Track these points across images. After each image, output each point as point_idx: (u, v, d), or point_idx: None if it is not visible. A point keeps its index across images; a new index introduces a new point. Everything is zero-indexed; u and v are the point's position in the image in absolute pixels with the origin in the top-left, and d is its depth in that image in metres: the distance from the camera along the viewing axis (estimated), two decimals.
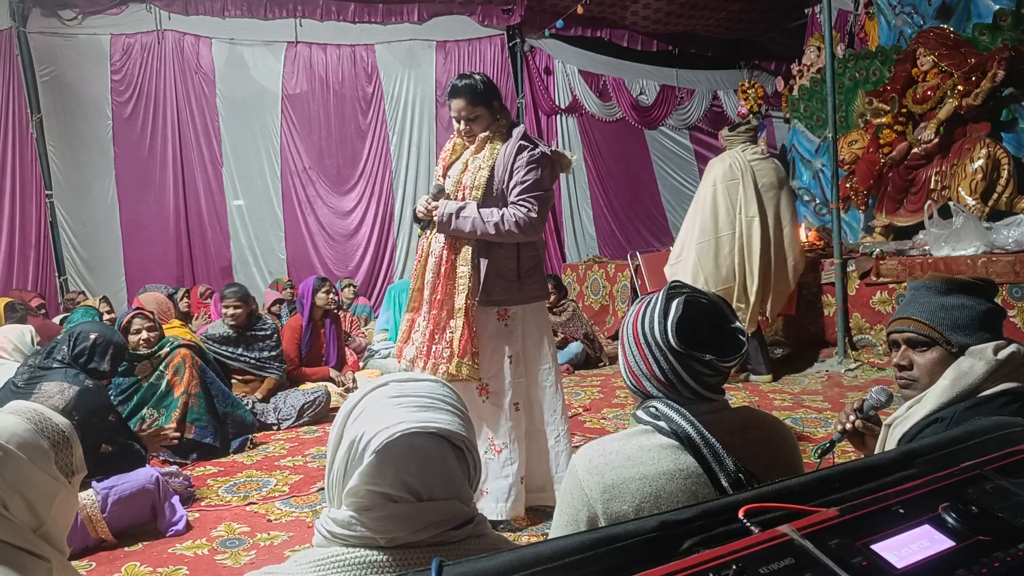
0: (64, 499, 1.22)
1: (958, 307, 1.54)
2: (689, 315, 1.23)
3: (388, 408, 0.97)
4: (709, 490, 1.15)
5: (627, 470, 1.17)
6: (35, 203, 7.02)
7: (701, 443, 1.16)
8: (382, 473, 0.94)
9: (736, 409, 1.32)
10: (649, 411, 1.25)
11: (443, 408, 1.00)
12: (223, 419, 3.96)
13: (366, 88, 8.27)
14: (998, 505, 0.75)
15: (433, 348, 2.67)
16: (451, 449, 0.99)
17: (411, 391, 1.00)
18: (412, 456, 0.95)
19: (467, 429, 1.01)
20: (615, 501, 1.16)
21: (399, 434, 0.93)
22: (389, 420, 0.95)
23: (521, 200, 2.60)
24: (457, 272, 2.65)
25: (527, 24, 8.65)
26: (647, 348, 1.26)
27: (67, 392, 2.74)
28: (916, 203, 5.63)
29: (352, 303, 7.13)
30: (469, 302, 2.61)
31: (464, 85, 2.63)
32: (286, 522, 2.89)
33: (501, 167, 2.63)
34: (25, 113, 6.95)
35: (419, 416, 0.96)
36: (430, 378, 1.05)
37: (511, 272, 2.67)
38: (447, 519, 0.98)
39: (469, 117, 2.64)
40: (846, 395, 4.38)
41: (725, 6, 8.77)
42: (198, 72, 7.67)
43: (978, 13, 5.63)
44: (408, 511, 0.95)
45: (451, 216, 2.59)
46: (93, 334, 3.00)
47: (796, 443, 1.38)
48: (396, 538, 0.95)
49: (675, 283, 1.31)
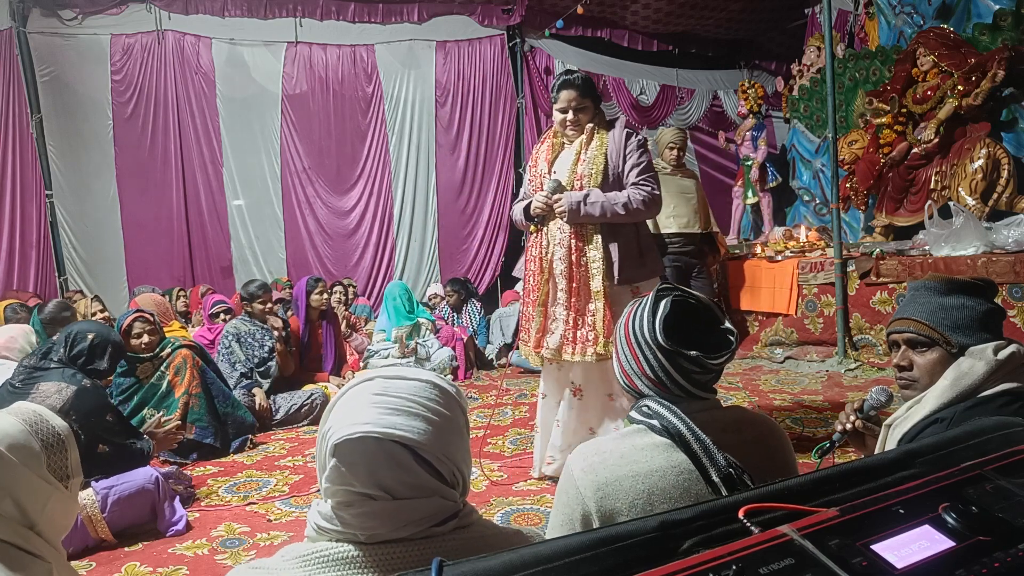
0: (58, 502, 1.21)
1: (958, 307, 1.54)
2: (677, 314, 1.26)
3: (362, 406, 0.95)
4: (701, 486, 1.17)
5: (620, 468, 1.19)
6: (35, 203, 7.01)
7: (692, 439, 1.19)
8: (351, 471, 0.93)
9: (728, 408, 1.35)
10: (642, 410, 1.28)
11: (416, 414, 0.95)
12: (223, 419, 3.96)
13: (366, 88, 8.26)
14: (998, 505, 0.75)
15: (578, 333, 2.84)
16: (413, 457, 0.94)
17: (393, 391, 0.97)
18: (367, 460, 0.92)
19: (438, 440, 0.95)
20: (609, 499, 1.18)
21: (345, 438, 0.92)
22: (355, 419, 0.94)
23: (641, 180, 2.79)
24: (588, 257, 2.81)
25: (527, 24, 8.64)
26: (637, 347, 1.29)
27: (64, 392, 2.74)
28: (916, 203, 5.63)
29: (353, 303, 7.13)
30: (605, 284, 2.78)
31: (574, 77, 2.86)
32: (286, 522, 2.89)
33: (615, 153, 2.83)
34: (25, 113, 6.94)
35: (386, 420, 0.93)
36: (422, 377, 1.01)
37: (635, 251, 2.85)
38: (428, 516, 0.96)
39: (578, 107, 2.83)
40: (846, 395, 4.38)
41: (725, 6, 8.77)
42: (198, 72, 7.67)
43: (978, 13, 5.63)
44: (386, 508, 0.93)
45: (579, 204, 2.75)
46: (90, 334, 3.00)
47: (789, 443, 1.39)
48: (377, 535, 0.94)
49: (665, 284, 1.34)
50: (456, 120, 8.58)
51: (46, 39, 7.08)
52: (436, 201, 8.61)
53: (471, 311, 6.81)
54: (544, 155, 3.00)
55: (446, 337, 5.96)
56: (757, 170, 7.50)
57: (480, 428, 4.23)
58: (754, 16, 9.13)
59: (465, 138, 8.61)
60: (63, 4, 7.07)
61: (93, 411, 2.81)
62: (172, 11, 7.49)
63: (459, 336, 6.01)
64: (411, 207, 8.52)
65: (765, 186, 7.58)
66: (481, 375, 5.94)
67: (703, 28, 9.45)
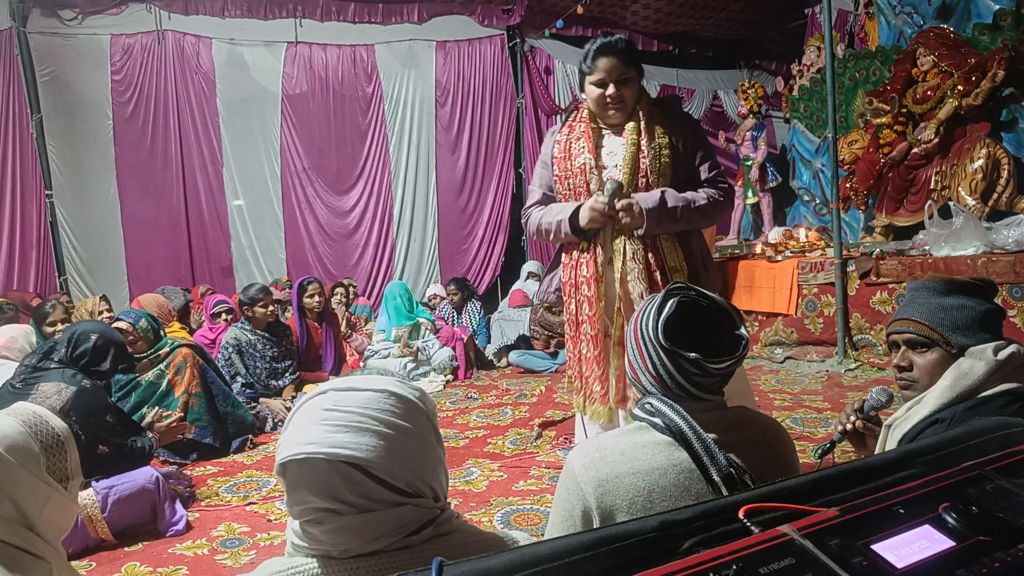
0: (57, 503, 1.21)
1: (958, 308, 1.54)
2: (683, 314, 1.25)
3: (310, 424, 0.92)
4: (702, 485, 1.17)
5: (621, 465, 1.20)
6: (35, 203, 7.01)
7: (693, 438, 1.19)
8: (306, 489, 0.91)
9: (731, 409, 1.34)
10: (645, 408, 1.29)
11: (366, 428, 0.91)
12: (223, 419, 3.96)
13: (366, 88, 8.26)
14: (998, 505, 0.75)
15: None
16: (364, 474, 0.90)
17: (344, 405, 0.93)
18: (319, 479, 0.90)
19: (390, 454, 0.91)
20: (609, 495, 1.19)
21: (290, 458, 0.90)
22: (301, 438, 0.91)
23: (715, 176, 2.30)
24: (668, 267, 2.25)
25: (527, 24, 8.64)
26: (643, 344, 1.30)
27: (64, 393, 2.73)
28: (916, 203, 5.63)
29: (353, 303, 7.13)
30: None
31: (616, 40, 2.22)
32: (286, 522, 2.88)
33: (681, 142, 2.27)
34: (25, 113, 6.94)
35: (332, 438, 0.89)
36: (377, 387, 0.96)
37: (705, 255, 2.38)
38: (400, 526, 0.93)
39: (620, 79, 2.20)
40: (846, 395, 4.38)
41: (725, 6, 8.77)
42: (198, 72, 7.67)
43: (978, 13, 5.63)
44: (356, 523, 0.91)
45: (654, 210, 2.16)
46: (94, 335, 2.99)
47: (792, 443, 1.39)
48: (349, 549, 0.92)
49: (677, 284, 1.33)
50: (456, 120, 8.59)
51: (46, 39, 7.08)
52: (436, 201, 8.61)
53: (471, 311, 6.81)
54: (585, 145, 2.29)
55: (446, 337, 5.96)
56: (757, 170, 7.50)
57: (480, 428, 4.23)
58: (754, 16, 9.14)
59: (465, 138, 8.61)
60: (63, 4, 7.07)
61: (93, 412, 2.80)
62: (172, 11, 7.49)
63: (459, 336, 6.02)
64: (411, 207, 8.52)
65: (765, 186, 7.58)
66: (481, 375, 5.94)
67: (703, 28, 9.45)
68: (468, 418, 4.45)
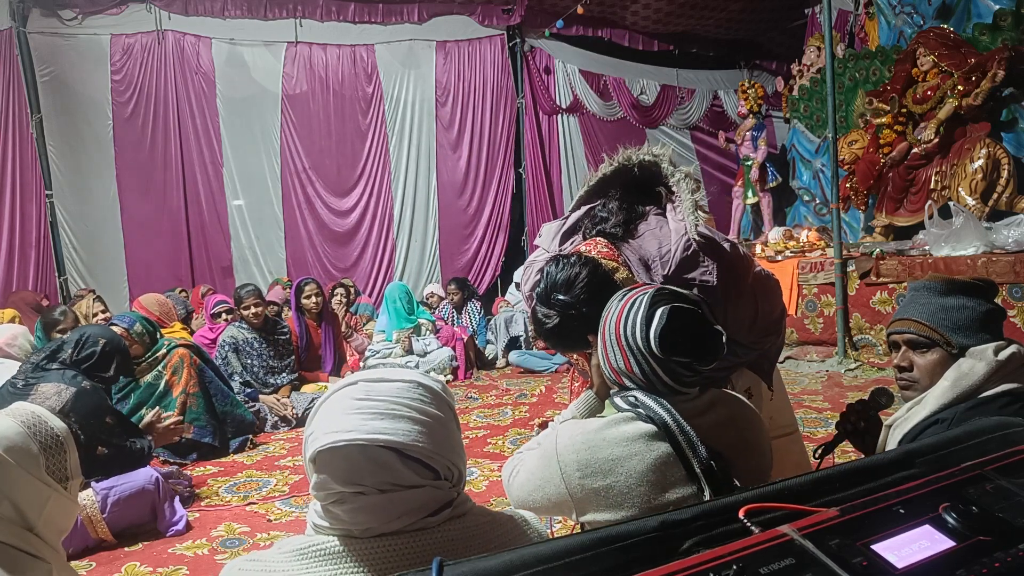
0: (57, 504, 1.21)
1: (958, 308, 1.53)
2: (672, 324, 1.26)
3: (343, 412, 0.96)
4: (681, 473, 1.21)
5: (602, 450, 1.23)
6: (35, 203, 7.01)
7: (677, 431, 1.22)
8: (333, 477, 0.94)
9: (705, 392, 1.37)
10: (628, 399, 1.30)
11: (402, 416, 0.95)
12: (222, 418, 3.96)
13: (366, 88, 8.26)
14: (998, 505, 0.75)
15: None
16: (400, 458, 0.94)
17: (376, 394, 0.97)
18: (349, 465, 0.93)
19: (428, 438, 0.96)
20: (588, 478, 1.23)
21: (329, 446, 0.93)
22: (335, 426, 0.94)
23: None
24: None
25: (527, 24, 8.64)
26: (628, 351, 1.30)
27: (64, 394, 2.73)
28: (916, 203, 5.63)
29: (355, 302, 7.12)
30: None
31: None
32: (286, 522, 2.89)
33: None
34: (25, 113, 6.94)
35: (369, 425, 0.93)
36: (405, 378, 1.01)
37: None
38: (419, 506, 0.97)
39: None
40: (846, 395, 4.38)
41: (725, 6, 8.77)
42: (198, 72, 7.66)
43: (978, 13, 5.63)
44: (377, 502, 0.94)
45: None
46: (102, 340, 2.99)
47: (760, 421, 1.42)
48: (370, 529, 0.95)
49: (661, 289, 1.33)
50: (456, 120, 8.58)
51: (46, 39, 7.07)
52: (436, 201, 8.61)
53: (471, 311, 6.81)
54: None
55: (446, 337, 5.96)
56: (757, 170, 7.50)
57: (480, 428, 4.23)
58: (754, 16, 9.14)
59: (465, 138, 8.61)
60: (63, 4, 7.07)
61: (92, 413, 2.80)
62: (172, 11, 7.49)
63: (459, 336, 6.02)
64: (411, 207, 8.52)
65: (765, 186, 7.58)
66: (481, 375, 5.94)
67: (703, 28, 9.45)
68: (468, 418, 4.45)
